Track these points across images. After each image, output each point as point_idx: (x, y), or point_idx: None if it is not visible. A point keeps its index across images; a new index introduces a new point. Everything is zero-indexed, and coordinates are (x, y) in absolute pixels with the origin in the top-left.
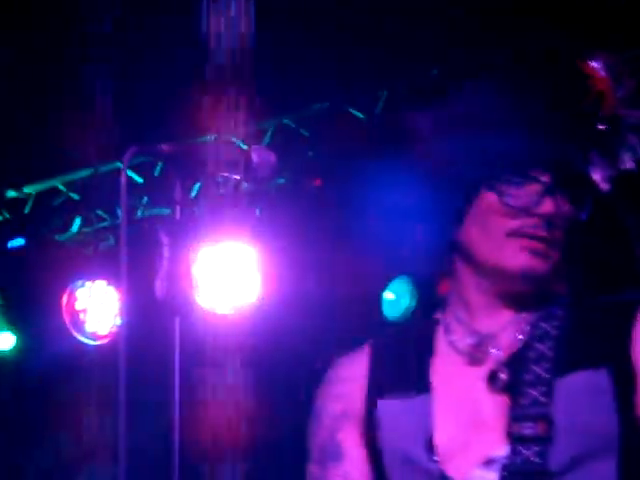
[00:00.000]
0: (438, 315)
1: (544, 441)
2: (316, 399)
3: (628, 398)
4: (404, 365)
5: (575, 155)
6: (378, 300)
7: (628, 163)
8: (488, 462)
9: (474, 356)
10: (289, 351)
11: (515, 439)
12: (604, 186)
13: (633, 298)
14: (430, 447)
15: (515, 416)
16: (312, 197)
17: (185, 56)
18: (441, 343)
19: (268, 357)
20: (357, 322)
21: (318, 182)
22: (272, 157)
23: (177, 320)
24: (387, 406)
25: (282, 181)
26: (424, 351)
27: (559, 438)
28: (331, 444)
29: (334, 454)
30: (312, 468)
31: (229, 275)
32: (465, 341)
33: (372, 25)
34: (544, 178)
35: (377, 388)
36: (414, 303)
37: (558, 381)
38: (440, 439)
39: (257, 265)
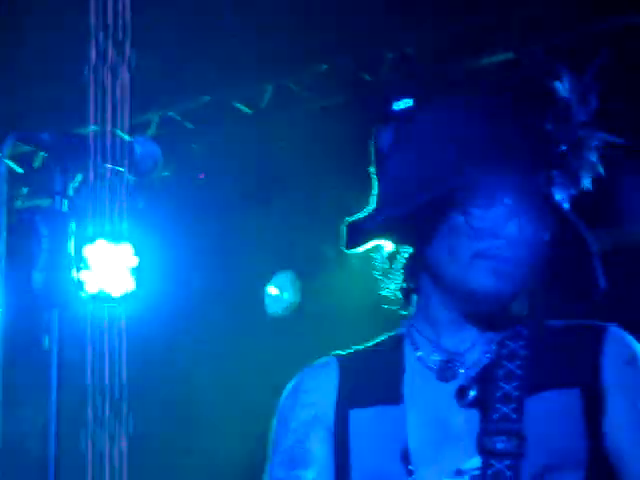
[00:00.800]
0: (401, 331)
1: (516, 456)
2: (281, 408)
3: (596, 417)
4: (375, 377)
5: (538, 177)
6: (261, 295)
7: (588, 182)
8: (459, 472)
9: (443, 373)
10: (168, 341)
11: (487, 452)
12: (565, 206)
13: (600, 323)
14: (405, 456)
15: (486, 430)
16: (196, 190)
17: (68, 45)
18: (409, 359)
19: (146, 346)
20: (239, 316)
21: (202, 175)
22: (156, 149)
23: (55, 312)
24: (359, 415)
25: (166, 174)
26: (394, 365)
27: (530, 453)
28: (299, 450)
29: (302, 460)
30: (276, 472)
31: (110, 266)
32: (433, 358)
33: (259, 19)
34: (508, 200)
35: (348, 398)
36: (298, 298)
37: (528, 399)
38: (414, 450)
39: (138, 256)
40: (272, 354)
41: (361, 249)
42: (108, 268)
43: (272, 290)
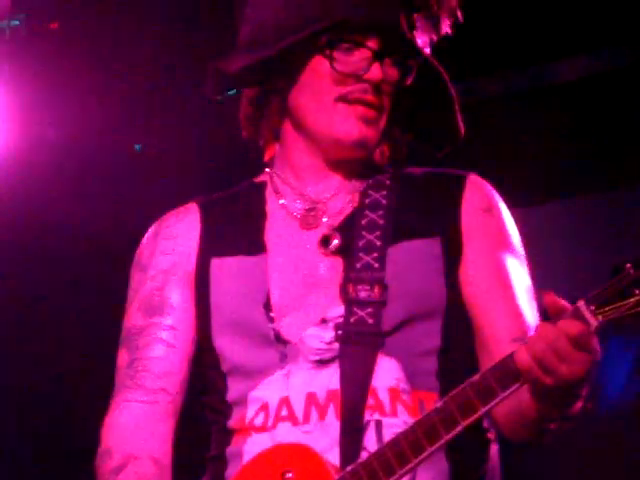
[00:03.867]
0: (264, 178)
1: (378, 304)
2: (140, 254)
3: (455, 265)
4: (237, 225)
5: (401, 20)
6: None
7: (448, 27)
8: (323, 321)
9: (306, 221)
10: (33, 199)
11: (350, 301)
12: (427, 51)
13: (460, 172)
14: (267, 305)
15: (349, 279)
16: (49, 40)
17: None
18: (272, 206)
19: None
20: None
21: (55, 25)
22: None
23: None
24: (221, 264)
25: (16, 23)
26: (256, 212)
27: (392, 301)
28: (158, 297)
29: (161, 308)
30: (134, 319)
31: None
32: (296, 205)
33: None
34: (372, 44)
35: (210, 246)
36: None
37: (390, 248)
38: (275, 298)
39: None
40: None
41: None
42: None
43: None
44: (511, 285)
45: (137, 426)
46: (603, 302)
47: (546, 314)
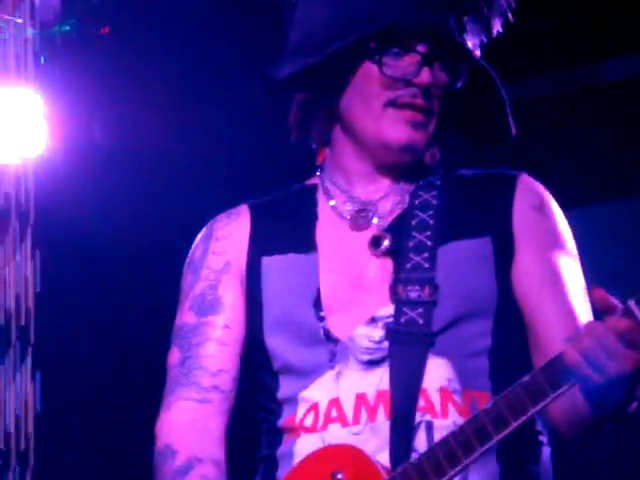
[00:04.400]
0: (314, 181)
1: (428, 304)
2: (192, 256)
3: (506, 264)
4: (288, 225)
5: (450, 23)
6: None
7: (499, 28)
8: (372, 320)
9: (356, 222)
10: (86, 206)
11: (400, 301)
12: (477, 53)
13: (511, 171)
14: (317, 303)
15: (399, 279)
16: (100, 46)
17: None
18: (323, 208)
19: (59, 212)
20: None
21: (106, 30)
22: (55, 1)
23: None
24: (272, 262)
25: (67, 28)
26: (307, 214)
27: (442, 302)
28: (211, 297)
29: (214, 307)
30: (186, 318)
31: (12, 124)
32: (346, 207)
33: None
34: (421, 48)
35: (261, 245)
36: None
37: (440, 248)
38: (325, 297)
39: (43, 114)
40: None
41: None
42: (10, 127)
43: None
44: (564, 285)
45: (194, 426)
46: None
47: (598, 314)
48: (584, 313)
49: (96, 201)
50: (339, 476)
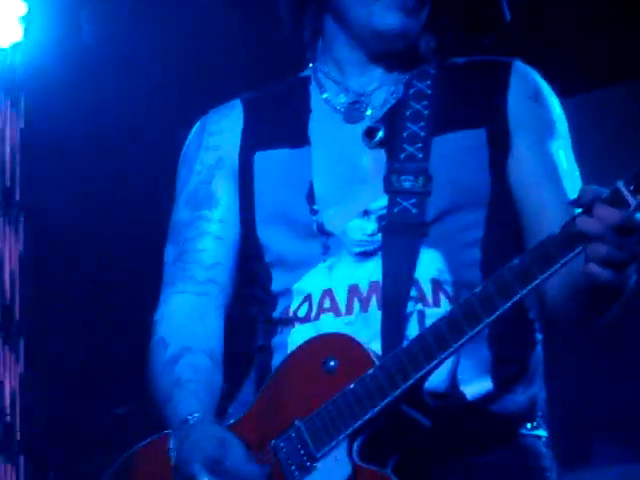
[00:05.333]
0: (307, 73)
1: (422, 194)
2: (186, 151)
3: (501, 155)
4: (281, 119)
5: None
6: None
7: None
8: (365, 213)
9: (350, 115)
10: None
11: (393, 191)
12: None
13: (505, 59)
14: (310, 196)
15: (393, 169)
16: None
17: None
18: (316, 101)
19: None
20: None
21: None
22: None
23: None
24: (265, 157)
25: None
26: (300, 107)
27: (436, 192)
28: (205, 191)
29: (208, 201)
30: (181, 214)
31: None
32: (339, 99)
33: None
34: None
35: (254, 140)
36: None
37: (434, 139)
38: (318, 190)
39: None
40: None
41: None
42: None
43: None
44: (560, 174)
45: (189, 317)
46: None
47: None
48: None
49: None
50: (331, 363)
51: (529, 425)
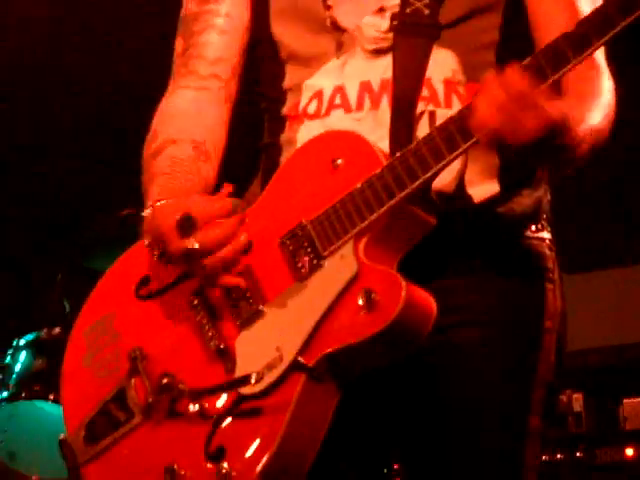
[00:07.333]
0: None
1: None
2: None
3: None
4: None
5: None
6: None
7: None
8: (380, 10)
9: None
10: None
11: None
12: None
13: None
14: None
15: None
16: None
17: None
18: None
19: None
20: None
21: None
22: None
23: None
24: None
25: None
26: None
27: None
28: None
29: None
30: (190, 6)
31: None
32: None
33: None
34: None
35: None
36: None
37: None
38: None
39: None
40: None
41: None
42: None
43: None
44: None
45: (185, 111)
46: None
47: None
48: (585, 7)
49: None
50: (338, 161)
51: (534, 227)
